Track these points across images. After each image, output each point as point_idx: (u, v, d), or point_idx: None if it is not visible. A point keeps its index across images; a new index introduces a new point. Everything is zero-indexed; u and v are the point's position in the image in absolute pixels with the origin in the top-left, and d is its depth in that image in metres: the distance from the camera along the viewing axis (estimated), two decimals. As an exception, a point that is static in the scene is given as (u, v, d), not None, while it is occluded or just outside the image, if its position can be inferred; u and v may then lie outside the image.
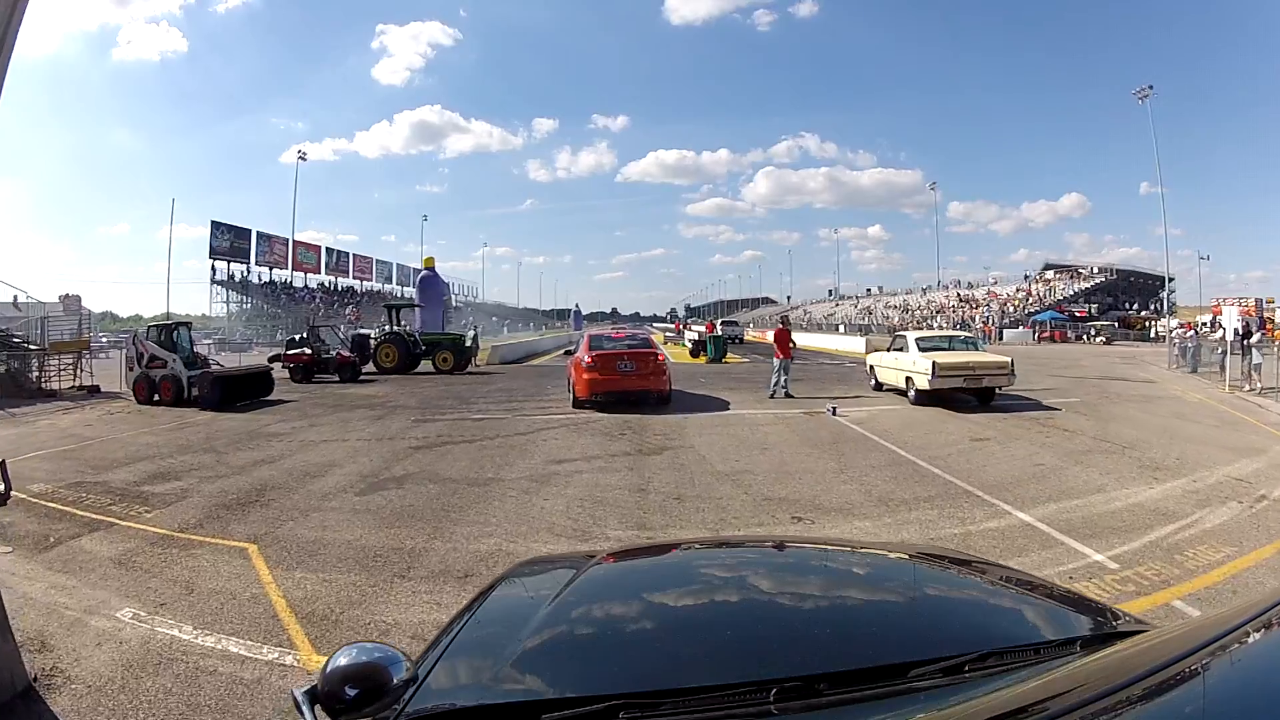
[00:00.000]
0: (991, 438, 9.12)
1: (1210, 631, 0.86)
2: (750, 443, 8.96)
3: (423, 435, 9.61)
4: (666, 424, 10.32)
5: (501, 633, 1.31)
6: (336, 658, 1.13)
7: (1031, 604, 1.49)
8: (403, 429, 10.28)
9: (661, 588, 1.58)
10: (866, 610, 1.48)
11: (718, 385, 16.40)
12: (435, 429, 10.17)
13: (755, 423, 10.58)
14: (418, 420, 11.14)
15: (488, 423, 10.74)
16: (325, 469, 7.66)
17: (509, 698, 1.08)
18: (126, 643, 3.59)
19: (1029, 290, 60.77)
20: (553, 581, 1.51)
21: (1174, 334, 26.15)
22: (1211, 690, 0.79)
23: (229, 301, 63.07)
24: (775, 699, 1.00)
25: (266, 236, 66.14)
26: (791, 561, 1.78)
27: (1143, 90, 53.63)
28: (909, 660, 1.09)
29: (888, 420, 10.63)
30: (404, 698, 1.06)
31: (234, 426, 11.17)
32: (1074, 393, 14.70)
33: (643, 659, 1.23)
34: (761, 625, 1.34)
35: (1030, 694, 0.88)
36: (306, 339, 20.27)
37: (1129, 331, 46.03)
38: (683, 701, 1.01)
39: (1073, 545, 4.97)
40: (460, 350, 21.66)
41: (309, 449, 8.93)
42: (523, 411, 12.09)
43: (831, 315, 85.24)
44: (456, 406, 12.99)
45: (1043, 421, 10.49)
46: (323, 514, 5.88)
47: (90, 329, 23.36)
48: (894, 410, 11.70)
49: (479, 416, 11.51)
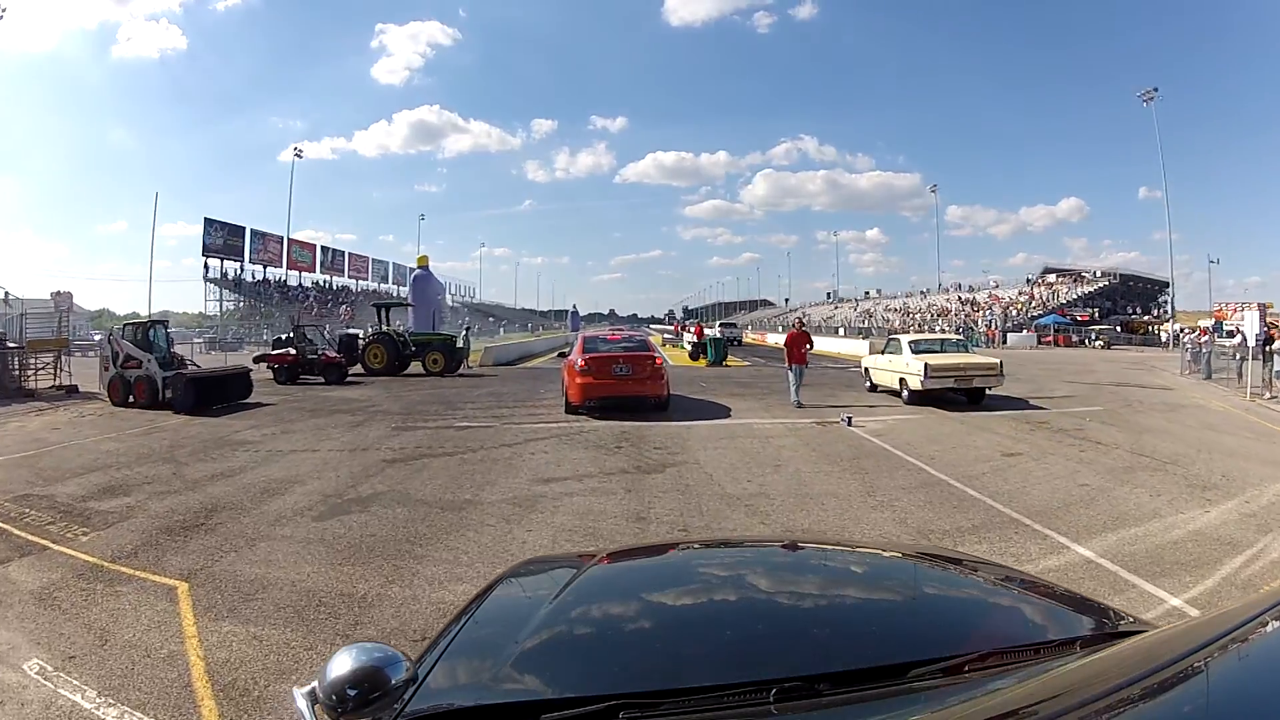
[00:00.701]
0: (1024, 452, 8.38)
1: (1210, 631, 0.85)
2: (762, 458, 8.13)
3: (400, 446, 8.82)
4: (667, 434, 9.56)
5: (501, 633, 1.30)
6: (336, 658, 1.08)
7: (1031, 604, 1.48)
8: (380, 438, 9.51)
9: (661, 587, 1.56)
10: (866, 610, 1.48)
11: (720, 390, 15.65)
12: (415, 439, 9.39)
13: (765, 434, 9.79)
14: (398, 428, 10.37)
15: (472, 432, 9.95)
16: (287, 486, 6.90)
17: (509, 698, 1.07)
18: (28, 705, 3.07)
19: (1031, 293, 60.13)
20: (552, 581, 1.49)
21: (1186, 339, 25.75)
22: (1211, 690, 0.77)
23: (222, 300, 62.24)
24: (775, 699, 0.99)
25: (260, 234, 65.31)
26: (791, 561, 1.77)
27: (1148, 93, 53.52)
28: (909, 660, 1.08)
29: (908, 432, 9.88)
30: (404, 698, 1.04)
31: (202, 433, 10.45)
32: (1094, 400, 14.07)
33: (643, 659, 1.23)
34: (761, 625, 1.33)
35: (1030, 694, 0.88)
36: (291, 339, 19.48)
37: (1132, 336, 45.68)
38: (683, 701, 1.01)
39: (1145, 588, 4.27)
40: (451, 352, 20.87)
41: (275, 461, 8.17)
42: (512, 419, 11.29)
43: (831, 318, 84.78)
44: (441, 413, 12.19)
45: (1073, 434, 9.79)
46: (271, 544, 5.12)
47: (67, 327, 22.53)
48: (913, 420, 10.95)
49: (464, 424, 10.72)
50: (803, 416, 11.33)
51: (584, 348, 12.03)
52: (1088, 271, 61.58)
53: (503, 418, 11.39)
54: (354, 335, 22.08)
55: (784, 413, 11.83)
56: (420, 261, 35.83)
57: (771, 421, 10.86)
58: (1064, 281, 60.52)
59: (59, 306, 55.95)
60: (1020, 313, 54.77)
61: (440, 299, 34.95)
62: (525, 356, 30.65)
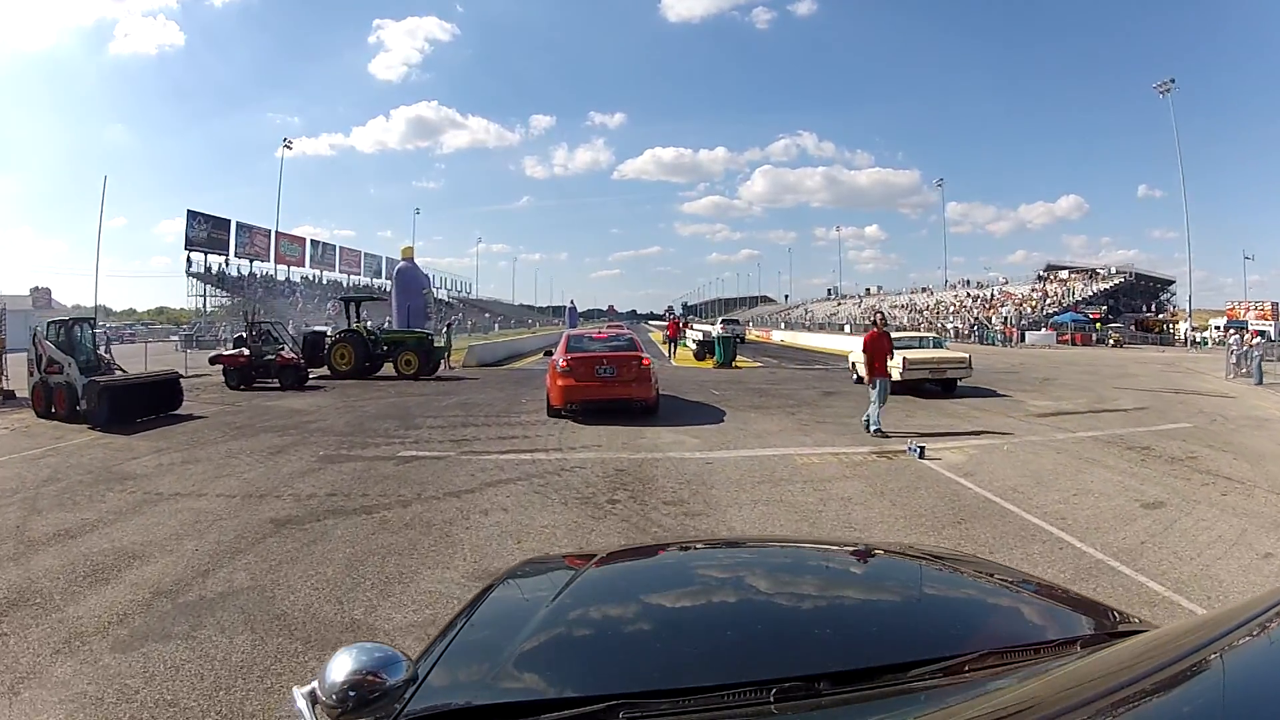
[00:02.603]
0: (1164, 501, 6.13)
1: (1210, 631, 0.83)
2: (822, 520, 5.67)
3: (310, 493, 6.50)
4: (681, 475, 7.09)
5: (501, 633, 1.27)
6: (336, 658, 1.06)
7: (1031, 604, 1.47)
8: (293, 475, 7.23)
9: (661, 587, 1.54)
10: (866, 610, 1.46)
11: (738, 401, 13.29)
12: (336, 479, 7.07)
13: (815, 474, 7.27)
14: (325, 458, 8.07)
15: (417, 468, 7.57)
16: (125, 563, 4.72)
17: (509, 697, 1.05)
18: None
19: (1044, 290, 57.86)
20: (552, 581, 1.48)
21: (1231, 340, 24.15)
22: (1212, 690, 0.77)
23: (206, 296, 59.66)
24: (775, 699, 0.98)
25: (247, 227, 62.89)
26: (791, 561, 1.74)
27: (1164, 84, 51.10)
28: (909, 660, 1.07)
29: (1000, 466, 7.61)
30: (404, 698, 1.02)
31: (96, 459, 8.36)
32: (1170, 414, 12.00)
33: (642, 659, 1.21)
34: (761, 625, 1.31)
35: (1030, 694, 0.88)
36: (246, 338, 17.20)
37: (1146, 334, 43.87)
38: (682, 701, 1.00)
39: None
40: (427, 351, 18.52)
41: (142, 512, 5.97)
42: (475, 444, 8.95)
43: (834, 315, 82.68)
44: (391, 433, 9.85)
45: (1188, 463, 7.73)
46: (10, 703, 2.89)
47: (2, 327, 20.17)
48: (995, 447, 8.66)
49: (411, 453, 8.35)
50: (854, 442, 9.00)
51: (567, 347, 11.19)
52: (1102, 268, 59.68)
53: (465, 442, 9.04)
54: (320, 333, 19.73)
55: (826, 435, 9.52)
56: (404, 253, 33.52)
57: (817, 452, 8.40)
58: (1079, 278, 58.33)
59: (36, 303, 53.38)
60: (1035, 310, 52.58)
61: (425, 293, 32.51)
62: (514, 356, 28.37)
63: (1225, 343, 24.95)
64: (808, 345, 38.01)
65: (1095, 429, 10.34)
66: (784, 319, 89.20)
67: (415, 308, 28.97)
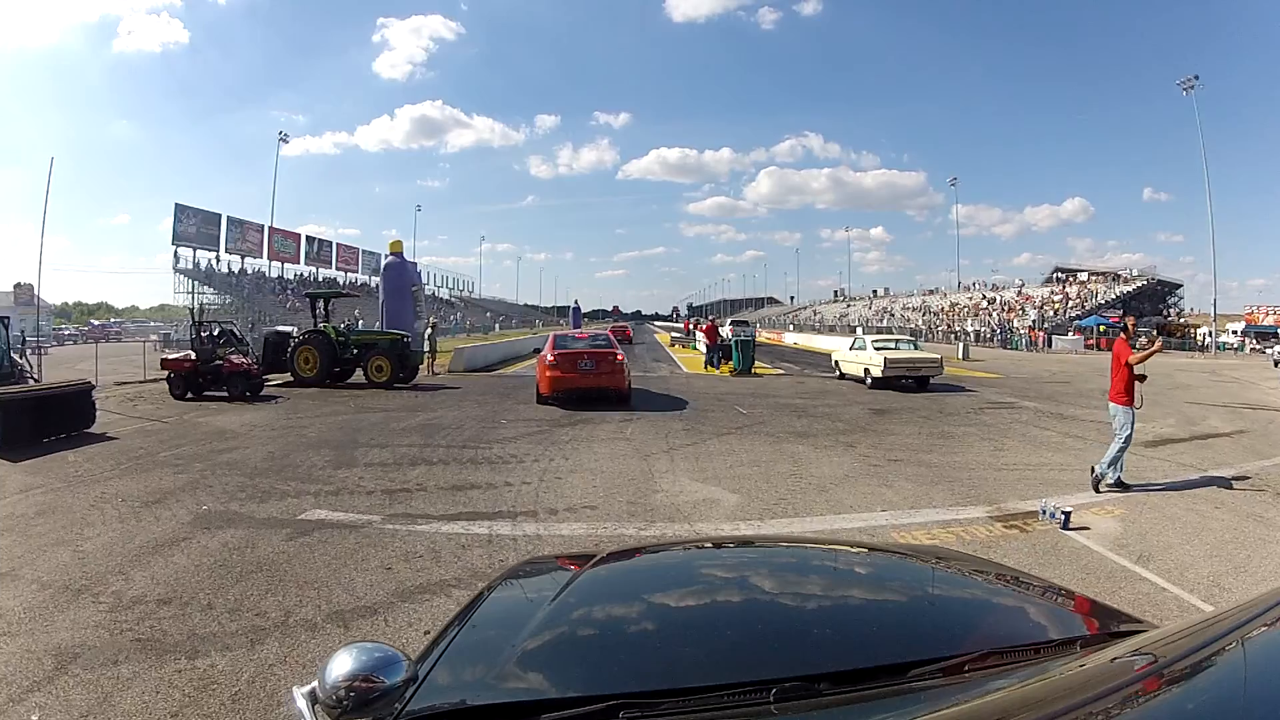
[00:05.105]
0: None
1: (1210, 631, 0.83)
2: None
3: (138, 594, 4.13)
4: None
5: (502, 632, 1.26)
6: (336, 658, 1.04)
7: (1031, 604, 1.45)
8: (147, 548, 4.90)
9: (662, 587, 1.52)
10: (866, 610, 1.44)
11: (773, 424, 10.91)
12: (192, 564, 4.68)
13: None
14: (202, 519, 5.62)
15: (311, 548, 4.93)
16: None
17: (509, 697, 1.04)
18: None
19: (1064, 292, 55.49)
20: (553, 581, 1.46)
21: (1275, 350, 22.41)
22: (1212, 690, 0.76)
23: (194, 292, 57.55)
24: (775, 699, 0.97)
25: (239, 222, 60.75)
26: (791, 561, 1.71)
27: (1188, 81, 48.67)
28: (909, 660, 1.06)
29: (1166, 535, 5.39)
30: (404, 697, 1.01)
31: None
32: (1277, 439, 9.96)
33: (643, 658, 1.20)
34: (762, 625, 1.30)
35: (1030, 694, 0.87)
36: (195, 340, 15.04)
37: (1169, 339, 41.68)
38: (683, 701, 0.99)
39: None
40: (402, 356, 16.28)
41: None
42: (414, 499, 6.31)
43: (844, 316, 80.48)
44: (313, 474, 7.29)
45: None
46: None
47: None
48: (1151, 508, 6.14)
49: (320, 515, 5.77)
50: (955, 495, 6.56)
51: (554, 345, 13.20)
52: (1124, 270, 57.67)
53: (403, 495, 6.44)
54: (285, 334, 17.51)
55: (912, 486, 6.88)
56: (393, 247, 31.14)
57: (916, 521, 5.78)
58: (1100, 281, 56.01)
59: (19, 299, 50.60)
60: (1057, 313, 50.24)
61: (416, 290, 30.26)
62: (510, 359, 26.20)
63: (1246, 348, 23.01)
64: (824, 348, 35.77)
65: (1221, 464, 8.25)
66: (793, 321, 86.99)
67: (402, 307, 26.78)
